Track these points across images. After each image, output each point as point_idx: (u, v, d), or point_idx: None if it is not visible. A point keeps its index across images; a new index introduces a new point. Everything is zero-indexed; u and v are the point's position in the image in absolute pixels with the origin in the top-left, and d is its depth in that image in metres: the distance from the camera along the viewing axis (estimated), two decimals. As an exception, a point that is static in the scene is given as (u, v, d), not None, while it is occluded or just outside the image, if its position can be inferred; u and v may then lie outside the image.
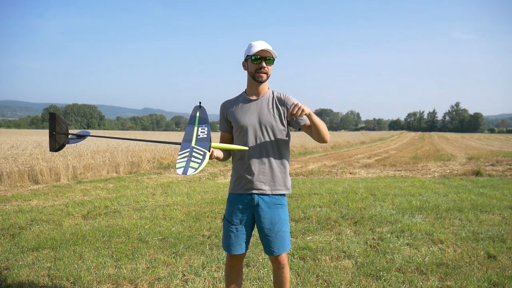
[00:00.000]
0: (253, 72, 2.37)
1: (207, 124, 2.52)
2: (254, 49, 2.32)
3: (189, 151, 2.19)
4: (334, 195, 7.28)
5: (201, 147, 2.25)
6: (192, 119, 2.58)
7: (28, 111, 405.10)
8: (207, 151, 2.22)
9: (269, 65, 2.36)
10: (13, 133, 38.70)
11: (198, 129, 2.46)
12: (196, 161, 2.10)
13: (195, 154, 2.17)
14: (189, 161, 2.09)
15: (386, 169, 12.65)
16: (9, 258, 3.93)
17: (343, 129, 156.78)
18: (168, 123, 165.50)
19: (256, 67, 2.34)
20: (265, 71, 2.35)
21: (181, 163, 2.07)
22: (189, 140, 2.33)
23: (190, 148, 2.24)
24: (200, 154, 2.17)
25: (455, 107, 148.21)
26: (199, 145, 2.28)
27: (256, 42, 2.36)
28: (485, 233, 4.63)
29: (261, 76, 2.35)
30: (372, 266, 3.62)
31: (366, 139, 40.79)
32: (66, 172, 9.95)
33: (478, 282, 3.27)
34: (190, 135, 2.40)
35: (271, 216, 2.43)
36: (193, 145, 2.27)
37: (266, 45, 2.34)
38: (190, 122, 2.54)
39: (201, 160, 2.12)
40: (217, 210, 6.00)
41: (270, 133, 2.42)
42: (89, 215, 5.81)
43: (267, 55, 2.33)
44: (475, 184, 8.74)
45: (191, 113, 2.63)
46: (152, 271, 3.55)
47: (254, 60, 2.33)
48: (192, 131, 2.44)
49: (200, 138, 2.36)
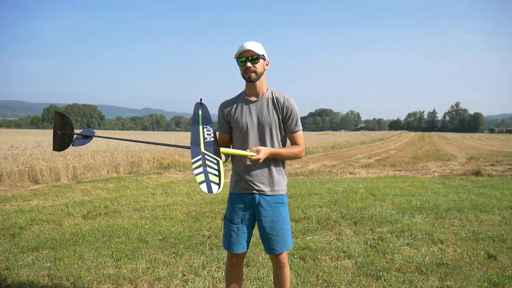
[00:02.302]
0: (242, 74, 2.40)
1: (211, 125, 2.54)
2: (238, 52, 2.34)
3: (202, 158, 2.22)
4: (334, 195, 7.27)
5: (212, 154, 2.28)
6: (195, 117, 2.58)
7: (28, 111, 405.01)
8: (219, 159, 2.27)
9: (255, 63, 2.35)
10: (13, 133, 38.69)
11: (203, 130, 2.46)
12: (214, 172, 2.15)
13: (208, 162, 2.20)
14: (206, 172, 2.13)
15: (386, 169, 12.65)
16: (9, 258, 3.93)
17: (343, 129, 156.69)
18: (168, 123, 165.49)
19: (243, 68, 2.37)
20: (251, 70, 2.35)
21: (200, 175, 2.10)
22: (197, 144, 2.34)
23: (201, 154, 2.26)
24: (214, 163, 2.21)
25: (455, 107, 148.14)
26: (208, 150, 2.31)
27: (243, 43, 2.37)
28: (485, 233, 4.63)
29: (249, 76, 2.36)
30: (372, 266, 3.62)
31: (366, 139, 40.80)
32: (66, 172, 9.95)
33: (478, 282, 3.27)
34: (197, 137, 2.40)
35: (272, 214, 2.44)
36: (203, 150, 2.30)
37: (249, 45, 2.33)
38: (193, 122, 2.54)
39: (217, 171, 2.17)
40: (217, 210, 6.00)
41: (269, 134, 2.42)
42: (89, 215, 5.81)
43: (250, 54, 2.33)
44: (475, 184, 8.74)
45: (193, 110, 2.63)
46: (152, 271, 3.55)
47: (239, 63, 2.37)
48: (198, 133, 2.44)
49: (208, 141, 2.38)
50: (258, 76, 2.38)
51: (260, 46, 2.38)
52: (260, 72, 2.39)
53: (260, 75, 2.40)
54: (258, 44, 2.39)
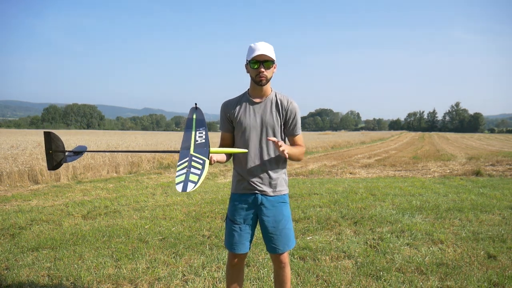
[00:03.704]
0: (253, 76, 2.38)
1: (204, 127, 2.49)
2: (252, 54, 2.31)
3: (188, 160, 2.17)
4: (334, 195, 7.28)
5: (200, 155, 2.22)
6: (189, 122, 2.54)
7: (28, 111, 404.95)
8: (206, 158, 2.19)
9: (268, 68, 2.34)
10: (13, 133, 38.69)
11: (196, 134, 2.43)
12: (196, 172, 2.08)
13: (194, 163, 2.14)
14: (188, 172, 2.07)
15: (386, 169, 12.65)
16: (9, 258, 3.93)
17: (343, 129, 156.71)
18: (168, 123, 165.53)
19: (255, 72, 2.35)
20: (263, 75, 2.34)
21: (180, 176, 2.04)
22: (188, 148, 2.30)
23: (189, 156, 2.21)
24: (199, 163, 2.14)
25: (455, 107, 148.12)
26: (198, 152, 2.25)
27: (256, 44, 2.34)
28: (485, 233, 4.63)
29: (261, 80, 2.35)
30: (372, 266, 3.62)
31: (366, 139, 40.79)
32: (66, 172, 9.95)
33: (478, 282, 3.27)
34: (188, 141, 2.36)
35: (275, 214, 2.44)
36: (192, 152, 2.25)
37: (264, 48, 2.31)
38: (187, 127, 2.50)
39: (200, 170, 2.09)
40: (217, 210, 6.00)
41: (271, 135, 2.43)
42: (89, 215, 5.81)
43: (265, 58, 2.31)
44: (475, 184, 8.74)
45: (188, 116, 2.59)
46: (152, 271, 3.55)
47: (252, 65, 2.34)
48: (190, 137, 2.40)
49: (199, 143, 2.33)
50: (268, 81, 2.39)
51: (272, 50, 2.36)
52: (270, 77, 2.40)
53: (270, 79, 2.40)
54: (271, 47, 2.37)
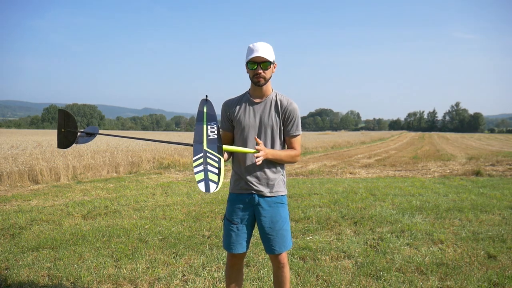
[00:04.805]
0: (251, 77, 2.40)
1: (215, 122, 2.54)
2: (250, 55, 2.33)
3: (203, 156, 2.20)
4: (334, 195, 7.28)
5: (213, 151, 2.26)
6: (200, 115, 2.58)
7: (28, 111, 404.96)
8: (221, 156, 2.24)
9: (266, 69, 2.35)
10: (13, 133, 38.71)
11: (207, 128, 2.47)
12: (213, 170, 2.12)
13: (209, 160, 2.18)
14: (206, 170, 2.10)
15: (386, 169, 12.65)
16: (9, 258, 3.93)
17: (343, 129, 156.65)
18: (168, 123, 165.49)
19: (252, 72, 2.36)
20: (261, 76, 2.35)
21: (200, 173, 2.08)
22: (200, 142, 2.33)
23: (203, 152, 2.24)
24: (215, 161, 2.19)
25: (455, 107, 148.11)
26: (210, 147, 2.29)
27: (254, 45, 2.35)
28: (485, 233, 4.63)
29: (258, 81, 2.37)
30: (372, 266, 3.62)
31: (366, 139, 40.78)
32: (66, 172, 9.95)
33: (478, 282, 3.27)
34: (200, 135, 2.40)
35: (272, 214, 2.44)
36: (205, 148, 2.28)
37: (262, 49, 2.32)
38: (198, 119, 2.55)
39: (217, 169, 2.14)
40: (217, 210, 6.00)
41: (270, 136, 2.44)
42: (89, 215, 5.81)
43: (262, 59, 2.32)
44: (475, 184, 8.75)
45: (199, 108, 2.64)
46: (152, 271, 3.55)
47: (250, 66, 2.36)
48: (201, 131, 2.44)
49: (211, 139, 2.37)
50: (266, 81, 2.40)
51: (271, 50, 2.37)
52: (269, 77, 2.40)
53: (268, 79, 2.41)
54: (270, 47, 2.37)
